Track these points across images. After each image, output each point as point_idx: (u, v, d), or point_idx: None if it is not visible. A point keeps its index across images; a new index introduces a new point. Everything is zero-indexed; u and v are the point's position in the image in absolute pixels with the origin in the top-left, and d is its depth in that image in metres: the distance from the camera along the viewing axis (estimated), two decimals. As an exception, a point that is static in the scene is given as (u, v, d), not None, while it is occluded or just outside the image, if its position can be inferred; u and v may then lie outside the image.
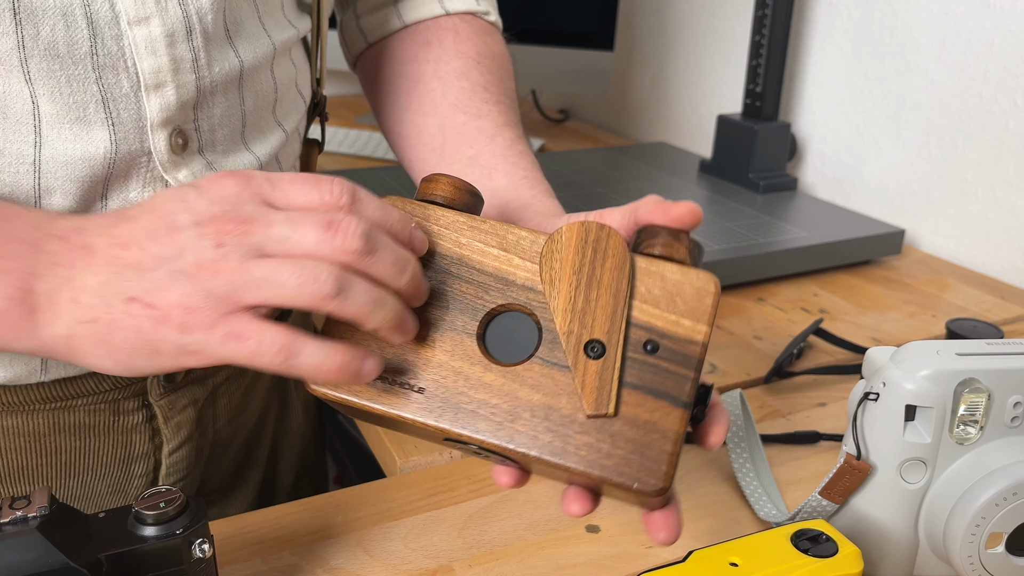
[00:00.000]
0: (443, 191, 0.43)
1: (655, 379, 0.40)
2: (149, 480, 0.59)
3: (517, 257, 0.41)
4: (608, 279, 0.40)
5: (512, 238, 0.41)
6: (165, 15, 0.45)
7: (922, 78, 0.97)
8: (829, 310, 0.82)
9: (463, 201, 0.43)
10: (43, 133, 0.44)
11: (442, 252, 0.41)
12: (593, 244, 0.40)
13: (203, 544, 0.39)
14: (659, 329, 0.40)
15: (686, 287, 0.40)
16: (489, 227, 0.42)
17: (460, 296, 0.41)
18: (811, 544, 0.41)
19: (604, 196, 0.99)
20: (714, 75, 1.27)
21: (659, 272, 0.40)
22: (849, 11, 1.04)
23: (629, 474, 0.38)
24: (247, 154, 0.53)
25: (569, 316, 0.40)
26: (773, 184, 1.04)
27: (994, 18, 0.88)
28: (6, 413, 0.52)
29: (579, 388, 0.39)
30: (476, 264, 0.41)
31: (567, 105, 1.60)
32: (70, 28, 0.43)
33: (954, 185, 0.95)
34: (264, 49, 0.53)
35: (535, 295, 0.40)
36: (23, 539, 0.35)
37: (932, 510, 0.45)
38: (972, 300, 0.85)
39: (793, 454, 0.60)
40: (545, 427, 0.39)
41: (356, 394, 0.40)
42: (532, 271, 0.41)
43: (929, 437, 0.44)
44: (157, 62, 0.46)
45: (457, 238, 0.42)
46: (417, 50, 0.64)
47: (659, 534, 0.40)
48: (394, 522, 0.52)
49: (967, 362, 0.44)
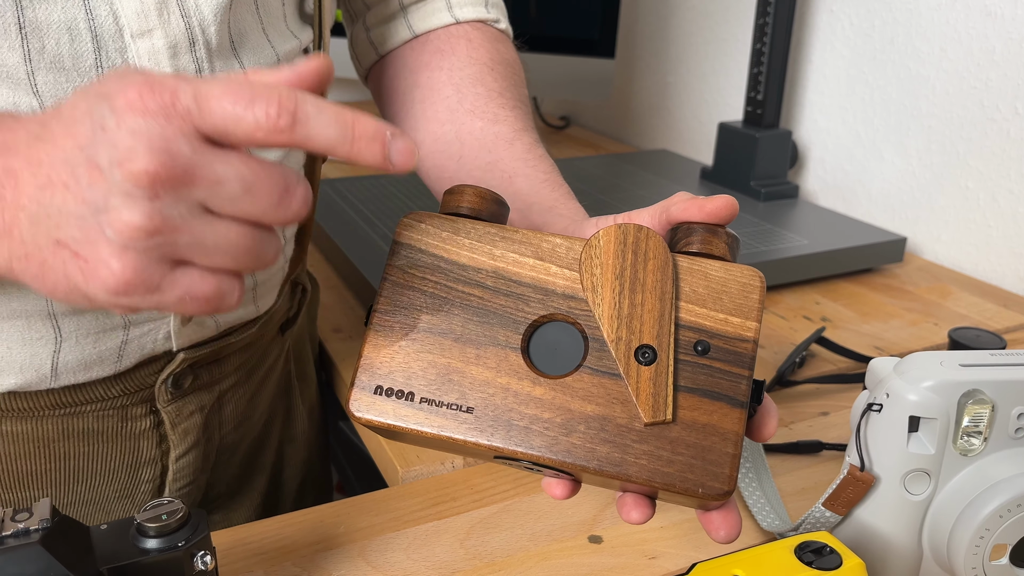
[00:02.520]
0: (469, 202, 0.42)
1: (710, 380, 0.39)
2: (156, 485, 0.59)
3: (554, 265, 0.40)
4: (652, 282, 0.39)
5: (547, 246, 0.40)
6: (168, 27, 0.45)
7: (923, 86, 0.97)
8: (831, 318, 0.82)
9: (490, 211, 0.42)
10: None
11: (476, 266, 0.40)
12: (632, 247, 0.39)
13: (205, 556, 0.39)
14: (708, 329, 0.39)
15: (731, 283, 0.39)
16: (522, 236, 0.41)
17: (500, 310, 0.40)
18: (815, 556, 0.40)
19: (607, 204, 0.99)
20: (715, 82, 1.27)
21: (702, 270, 0.39)
22: (850, 19, 1.04)
23: (693, 480, 0.37)
24: None
25: (616, 323, 0.39)
26: (774, 192, 1.04)
27: (995, 26, 0.88)
28: (15, 419, 0.52)
29: (634, 396, 0.38)
30: (513, 276, 0.40)
31: (568, 112, 1.60)
32: (75, 41, 0.44)
33: (955, 192, 0.95)
34: (268, 60, 0.53)
35: (577, 303, 0.39)
36: (25, 552, 0.35)
37: (936, 521, 0.45)
38: (974, 308, 0.85)
39: (796, 464, 0.60)
40: (602, 438, 0.38)
41: (404, 419, 0.39)
42: (571, 279, 0.40)
43: (933, 448, 0.44)
44: None
45: (491, 250, 0.40)
46: (430, 59, 0.64)
47: (719, 532, 0.40)
48: (396, 532, 0.52)
49: (971, 373, 0.44)
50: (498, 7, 0.68)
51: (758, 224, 0.95)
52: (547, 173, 0.56)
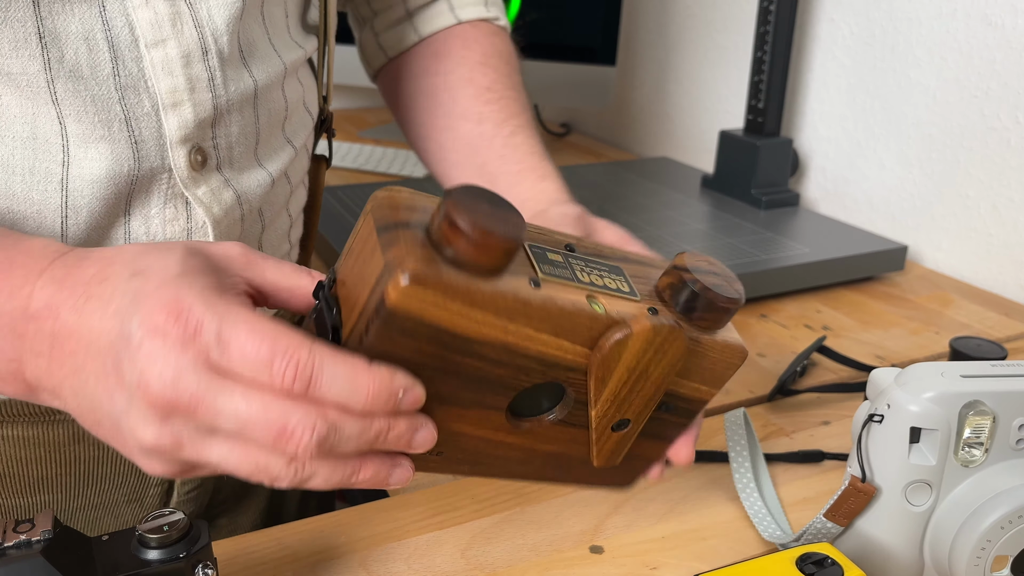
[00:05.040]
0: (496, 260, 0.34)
1: (659, 429, 0.44)
2: (165, 489, 0.59)
3: (568, 342, 0.37)
4: (658, 375, 0.39)
5: (567, 324, 0.36)
6: (181, 37, 0.46)
7: (924, 95, 0.97)
8: (832, 327, 0.82)
9: (496, 263, 0.34)
10: (71, 153, 0.45)
11: (484, 340, 0.35)
12: (657, 347, 0.38)
13: (207, 568, 0.39)
14: (681, 395, 0.42)
15: (719, 364, 0.41)
16: (541, 308, 0.35)
17: (496, 379, 0.37)
18: (816, 568, 0.40)
19: (607, 212, 0.99)
20: (716, 90, 1.27)
21: (704, 352, 0.41)
22: (851, 28, 1.04)
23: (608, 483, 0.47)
24: (261, 171, 0.54)
25: (608, 407, 0.40)
26: (775, 200, 1.04)
27: (996, 35, 0.88)
28: (27, 424, 0.52)
29: (594, 450, 0.42)
30: (521, 350, 0.36)
31: (569, 119, 1.60)
32: (92, 51, 0.45)
33: (956, 201, 0.95)
34: (276, 69, 0.54)
35: (575, 375, 0.38)
36: (27, 563, 0.35)
37: (937, 533, 0.45)
38: (975, 317, 0.85)
39: (797, 473, 0.60)
40: (553, 465, 0.43)
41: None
42: (581, 354, 0.37)
43: (934, 459, 0.44)
44: (173, 82, 0.47)
45: (505, 325, 0.35)
46: (429, 63, 0.66)
47: (679, 455, 0.46)
48: (397, 542, 0.52)
49: (972, 384, 0.44)
50: (497, 5, 0.70)
51: (759, 232, 0.95)
52: (520, 163, 0.59)
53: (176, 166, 0.48)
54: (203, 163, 0.50)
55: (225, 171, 0.52)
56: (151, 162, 0.48)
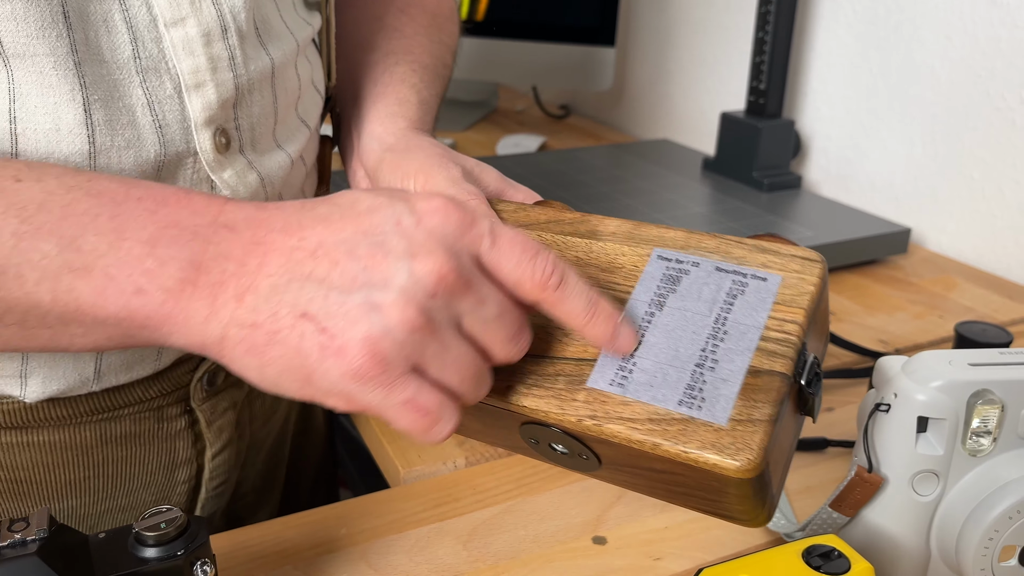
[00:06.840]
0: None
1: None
2: (192, 486, 0.59)
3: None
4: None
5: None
6: (200, 15, 0.45)
7: (928, 75, 0.96)
8: (836, 311, 0.81)
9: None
10: (96, 143, 0.44)
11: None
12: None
13: (205, 565, 0.39)
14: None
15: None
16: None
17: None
18: (823, 561, 0.40)
19: (608, 195, 0.98)
20: (717, 72, 1.26)
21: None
22: (853, 7, 1.03)
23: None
24: (280, 152, 0.54)
25: None
26: (777, 182, 1.03)
27: (1000, 14, 0.87)
28: (54, 428, 0.51)
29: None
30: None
31: (568, 101, 1.59)
32: (111, 34, 0.43)
33: (960, 183, 0.94)
34: (289, 46, 0.53)
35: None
36: (22, 563, 0.35)
37: (944, 523, 0.45)
38: (979, 300, 0.84)
39: (801, 461, 0.59)
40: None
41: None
42: None
43: (941, 449, 0.44)
44: (195, 62, 0.46)
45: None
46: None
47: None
48: (398, 534, 0.52)
49: (980, 373, 0.43)
50: None
51: (761, 215, 0.94)
52: (386, 86, 0.60)
53: (202, 148, 0.47)
54: (227, 145, 0.49)
55: (248, 153, 0.51)
56: (176, 146, 0.47)
